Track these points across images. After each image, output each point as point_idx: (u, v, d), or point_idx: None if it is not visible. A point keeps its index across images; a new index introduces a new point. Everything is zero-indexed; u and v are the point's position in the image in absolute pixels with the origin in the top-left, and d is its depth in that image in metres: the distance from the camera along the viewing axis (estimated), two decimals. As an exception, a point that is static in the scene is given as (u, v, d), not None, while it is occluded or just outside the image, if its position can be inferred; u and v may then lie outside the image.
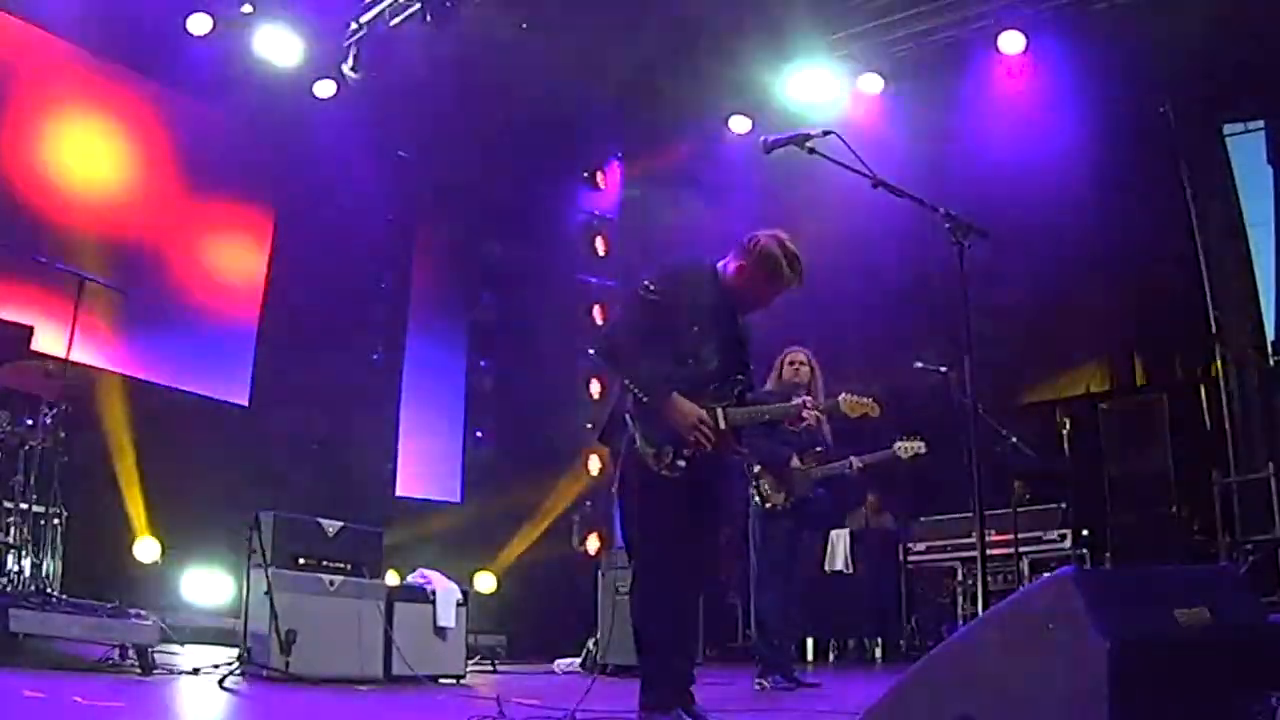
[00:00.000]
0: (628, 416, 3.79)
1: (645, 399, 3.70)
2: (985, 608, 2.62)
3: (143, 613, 5.36)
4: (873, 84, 10.14)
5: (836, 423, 5.83)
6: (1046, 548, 8.54)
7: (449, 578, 6.85)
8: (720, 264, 4.02)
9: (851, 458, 6.43)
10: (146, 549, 8.47)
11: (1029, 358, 9.55)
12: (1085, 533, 8.70)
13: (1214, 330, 8.81)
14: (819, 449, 6.39)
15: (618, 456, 3.87)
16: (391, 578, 7.16)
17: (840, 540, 9.61)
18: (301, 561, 5.98)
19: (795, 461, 6.30)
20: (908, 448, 6.36)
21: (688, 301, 3.83)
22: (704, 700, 3.91)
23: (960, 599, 8.93)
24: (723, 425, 3.81)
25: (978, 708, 2.32)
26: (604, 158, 12.26)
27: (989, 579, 7.73)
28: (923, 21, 9.75)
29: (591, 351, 11.48)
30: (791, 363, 6.28)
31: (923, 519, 9.41)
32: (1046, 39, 9.32)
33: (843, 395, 5.17)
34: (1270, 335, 8.77)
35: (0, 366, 5.67)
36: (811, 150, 3.71)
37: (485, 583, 10.59)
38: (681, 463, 3.73)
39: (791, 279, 3.93)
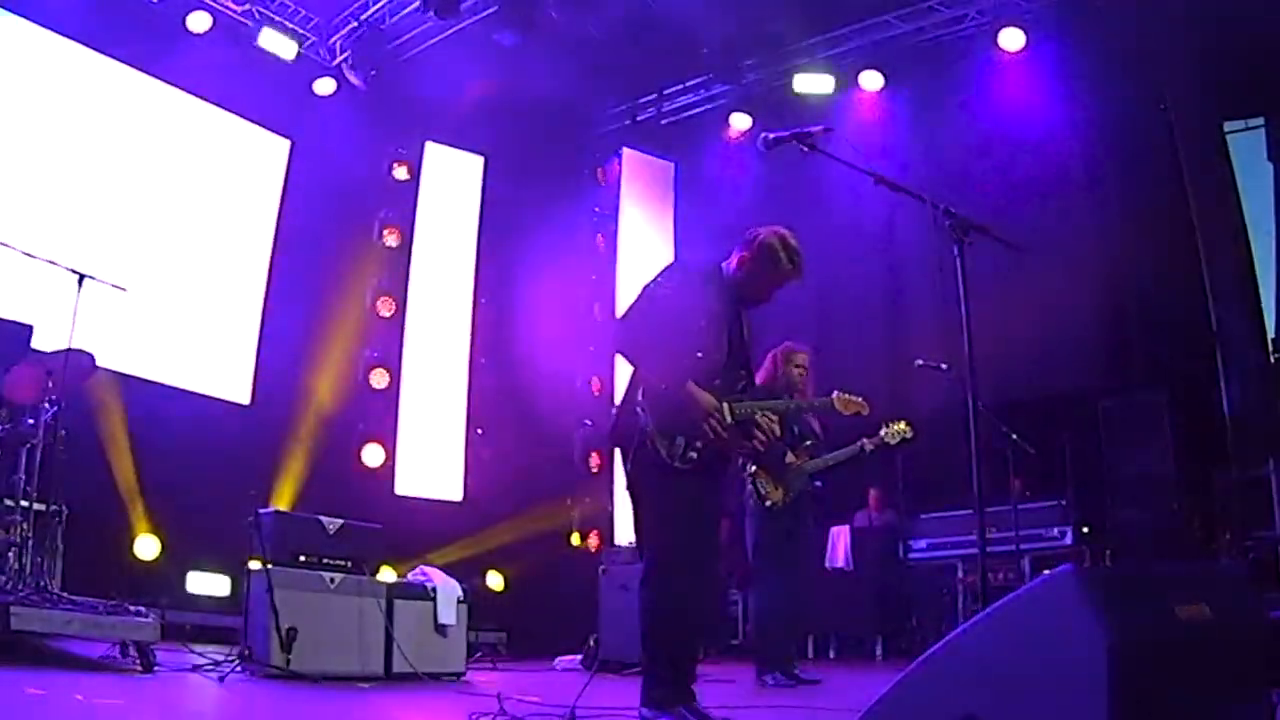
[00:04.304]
0: (639, 410, 3.82)
1: (664, 386, 3.73)
2: (986, 605, 2.62)
3: (143, 610, 5.35)
4: (873, 81, 10.14)
5: (831, 420, 5.86)
6: (1047, 545, 8.55)
7: (450, 575, 6.86)
8: (724, 262, 4.07)
9: (863, 440, 6.46)
10: (146, 546, 8.49)
11: (1029, 354, 9.54)
12: (1086, 530, 8.71)
13: (1214, 327, 8.80)
14: (809, 443, 6.41)
15: (628, 455, 3.88)
16: (388, 574, 7.16)
17: (841, 537, 9.61)
18: (302, 559, 5.98)
19: (789, 456, 6.31)
20: (894, 432, 6.41)
21: (696, 298, 3.90)
22: (705, 698, 3.91)
23: (961, 596, 8.94)
24: (728, 419, 3.85)
25: (979, 705, 2.32)
26: (606, 154, 12.25)
27: (990, 576, 7.74)
28: (923, 18, 9.77)
29: (596, 344, 11.53)
30: (797, 364, 6.26)
31: (923, 516, 9.42)
32: (1046, 36, 9.32)
33: (835, 393, 5.19)
34: (1271, 333, 8.76)
35: (0, 365, 5.67)
36: (812, 147, 3.71)
37: (492, 581, 10.62)
38: (693, 454, 3.77)
39: (790, 270, 3.97)
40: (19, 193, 8.14)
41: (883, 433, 6.43)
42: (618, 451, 4.02)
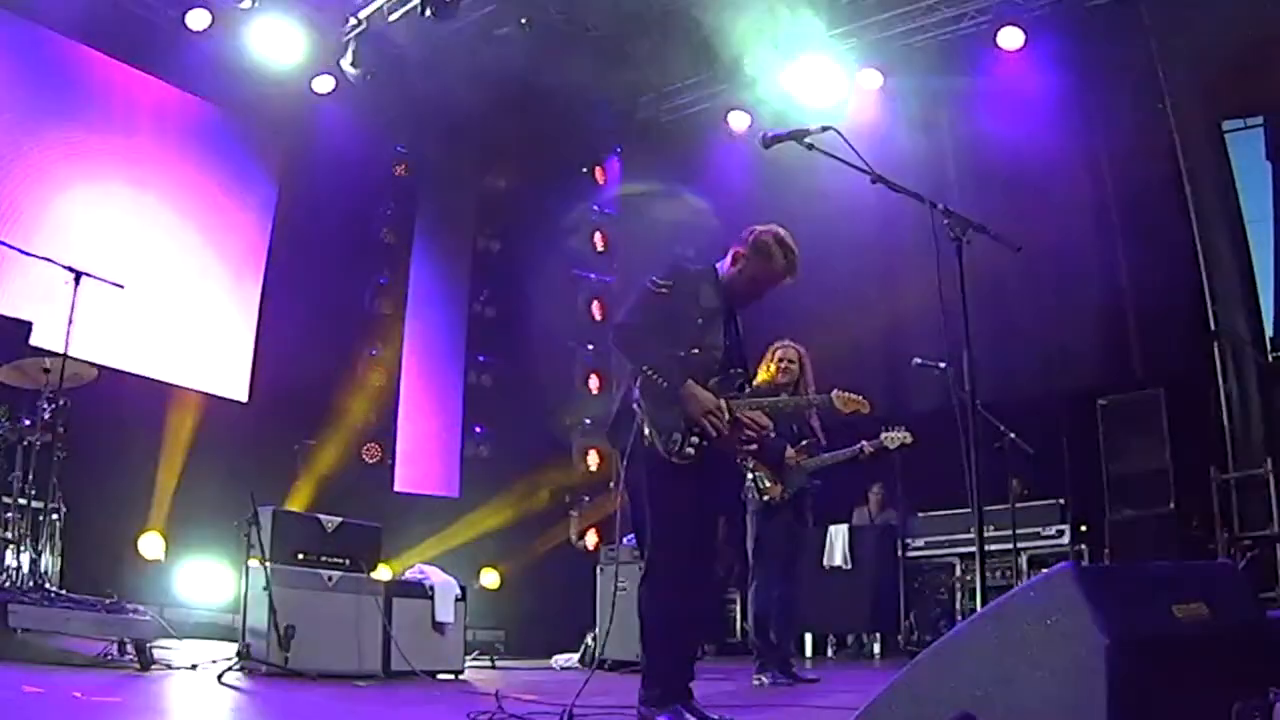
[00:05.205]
0: (636, 407, 3.82)
1: (664, 384, 3.74)
2: (984, 603, 2.62)
3: (141, 608, 5.36)
4: (872, 79, 10.13)
5: (832, 419, 5.87)
6: (1045, 543, 8.57)
7: (447, 573, 6.86)
8: (718, 262, 4.09)
9: (863, 442, 6.48)
10: (151, 545, 8.48)
11: (1027, 353, 9.54)
12: (1083, 528, 8.72)
13: (1213, 326, 8.80)
14: (806, 441, 6.41)
15: (625, 454, 3.88)
16: (384, 572, 7.16)
17: (839, 535, 9.61)
18: (300, 557, 5.98)
19: (789, 452, 6.31)
20: (894, 437, 6.43)
21: (693, 297, 3.92)
22: (702, 696, 3.91)
23: (959, 595, 8.94)
24: (729, 415, 3.85)
25: (976, 704, 2.32)
26: (603, 153, 12.25)
27: (987, 575, 7.75)
28: (922, 17, 9.75)
29: (594, 342, 11.54)
30: (780, 359, 6.29)
31: (921, 514, 9.42)
32: (1045, 35, 9.31)
33: (835, 391, 5.19)
34: (1269, 331, 8.77)
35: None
36: (810, 146, 3.71)
37: (490, 579, 10.63)
38: (690, 450, 3.77)
39: (784, 268, 3.98)
40: (17, 191, 8.13)
41: (883, 437, 6.45)
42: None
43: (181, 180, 9.40)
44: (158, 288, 8.86)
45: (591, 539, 11.23)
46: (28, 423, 5.65)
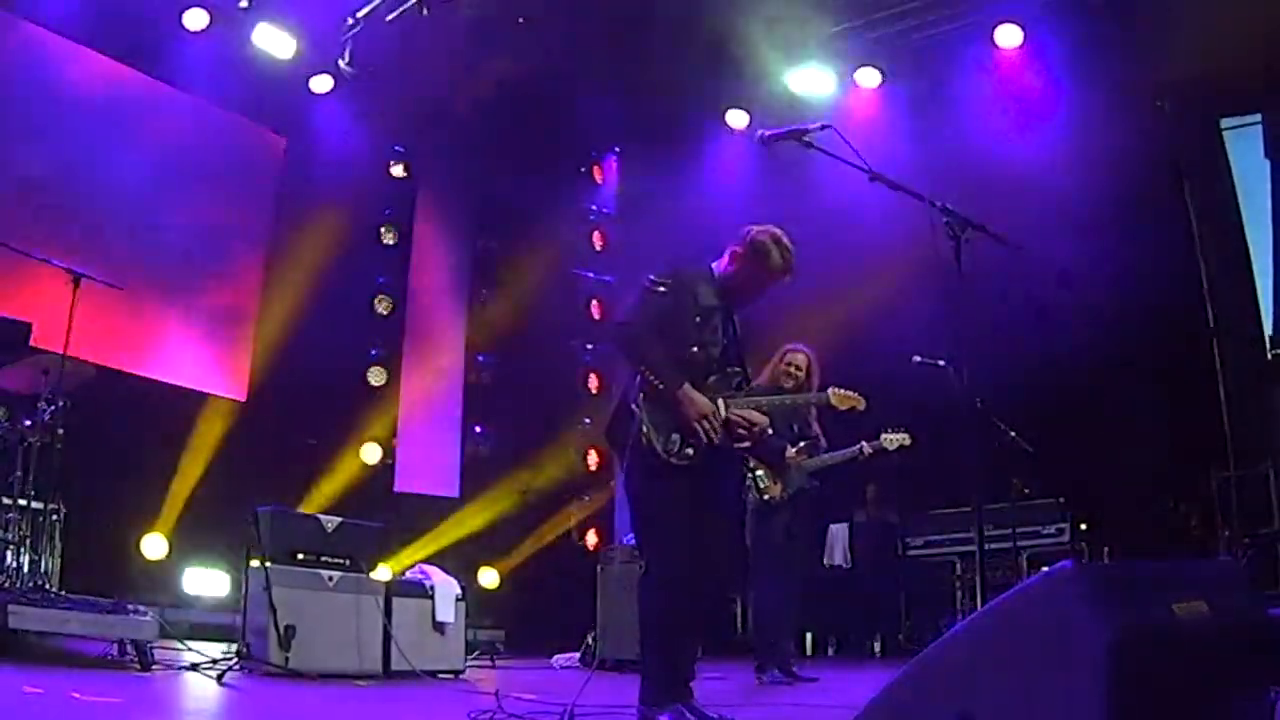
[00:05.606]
0: (635, 406, 3.82)
1: (661, 385, 3.73)
2: (984, 602, 2.62)
3: (141, 608, 5.35)
4: (870, 78, 10.12)
5: (832, 420, 5.87)
6: (1045, 542, 8.58)
7: (447, 573, 6.86)
8: (714, 262, 4.09)
9: (863, 443, 6.48)
10: (151, 545, 8.48)
11: (1027, 351, 9.53)
12: (1083, 527, 8.72)
13: (1211, 324, 8.80)
14: (806, 442, 6.42)
15: (624, 453, 3.88)
16: (384, 572, 7.15)
17: (839, 534, 9.62)
18: (300, 557, 5.97)
19: (789, 452, 6.31)
20: (893, 439, 6.44)
21: (690, 297, 3.92)
22: (702, 695, 3.91)
23: (959, 593, 8.94)
24: (723, 415, 3.86)
25: (976, 703, 2.32)
26: (602, 152, 12.24)
27: (987, 573, 7.74)
28: (920, 15, 9.74)
29: (593, 342, 11.53)
30: (789, 363, 6.28)
31: (921, 513, 9.42)
32: (1043, 32, 9.31)
33: (831, 388, 5.20)
34: (1268, 329, 8.77)
35: (-1, 363, 5.68)
36: (809, 144, 3.70)
37: (489, 578, 10.63)
38: (689, 450, 3.77)
39: (780, 267, 3.98)
40: (15, 192, 8.12)
41: (882, 439, 6.45)
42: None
43: (179, 179, 9.38)
44: (157, 288, 8.85)
45: (591, 538, 11.24)
46: (28, 423, 5.66)
